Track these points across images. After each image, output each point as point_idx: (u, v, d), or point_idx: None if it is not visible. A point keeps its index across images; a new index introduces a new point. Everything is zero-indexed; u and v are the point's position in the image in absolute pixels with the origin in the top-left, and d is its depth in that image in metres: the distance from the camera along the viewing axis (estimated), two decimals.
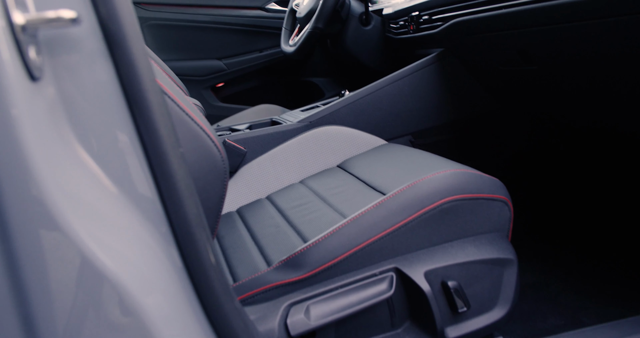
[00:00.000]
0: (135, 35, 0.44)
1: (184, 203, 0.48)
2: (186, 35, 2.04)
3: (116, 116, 0.45)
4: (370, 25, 1.67)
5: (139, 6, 1.97)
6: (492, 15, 1.12)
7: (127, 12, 0.44)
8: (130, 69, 0.44)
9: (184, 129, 0.63)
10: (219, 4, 2.07)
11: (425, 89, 1.32)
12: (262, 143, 1.26)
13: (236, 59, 2.10)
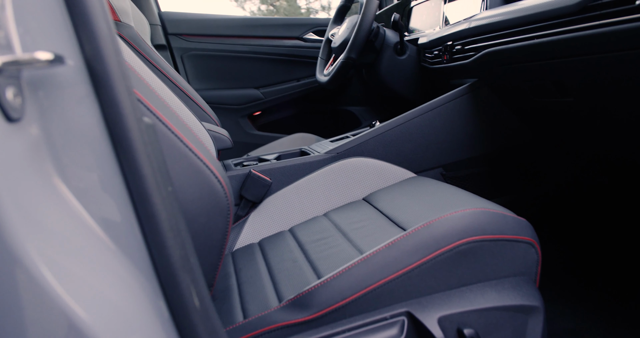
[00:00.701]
0: (120, 75, 0.44)
1: (167, 245, 0.47)
2: (225, 65, 2.09)
3: (101, 155, 0.45)
4: (405, 54, 1.65)
5: (181, 37, 2.03)
6: (524, 45, 1.07)
7: (111, 52, 0.44)
8: (113, 108, 0.44)
9: (185, 165, 0.63)
10: (257, 35, 2.11)
11: (457, 120, 1.28)
12: (288, 173, 1.25)
13: (273, 88, 2.13)
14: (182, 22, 2.04)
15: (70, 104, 0.44)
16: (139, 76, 0.67)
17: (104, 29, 0.43)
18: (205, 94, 2.04)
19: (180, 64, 2.04)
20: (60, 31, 0.43)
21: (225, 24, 2.09)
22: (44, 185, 0.42)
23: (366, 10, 1.51)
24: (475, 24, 1.23)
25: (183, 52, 2.04)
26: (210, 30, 2.07)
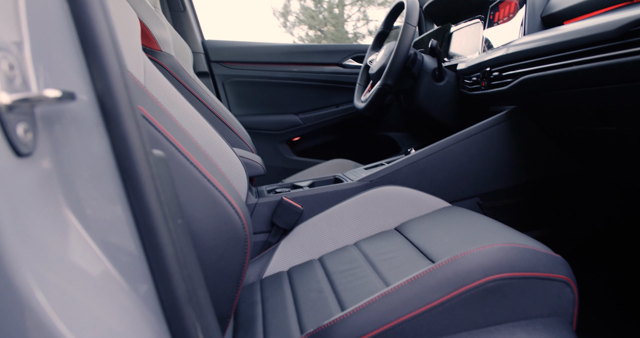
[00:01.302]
0: (129, 111, 0.45)
1: (173, 278, 0.47)
2: (265, 91, 2.13)
3: (110, 188, 0.46)
4: (443, 81, 1.63)
5: (222, 64, 2.09)
6: (563, 72, 1.04)
7: (121, 88, 0.45)
8: (122, 142, 0.45)
9: (203, 196, 0.63)
10: (297, 61, 2.14)
11: (494, 149, 1.24)
12: (320, 201, 1.24)
13: (312, 113, 2.14)
14: (224, 50, 2.10)
15: (82, 138, 0.45)
16: (162, 108, 0.68)
17: (115, 66, 0.44)
18: (245, 120, 2.07)
19: (222, 91, 2.09)
20: (74, 68, 0.45)
21: (265, 51, 2.13)
22: (53, 215, 0.43)
23: (403, 37, 1.51)
24: (513, 50, 1.20)
25: (225, 79, 2.09)
26: (251, 58, 2.12)
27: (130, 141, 0.45)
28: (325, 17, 12.08)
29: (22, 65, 0.44)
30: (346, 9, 12.23)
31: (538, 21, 1.23)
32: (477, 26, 1.63)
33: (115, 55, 0.45)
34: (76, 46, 0.45)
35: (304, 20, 12.19)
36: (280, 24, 12.52)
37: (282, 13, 12.42)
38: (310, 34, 12.34)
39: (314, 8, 12.15)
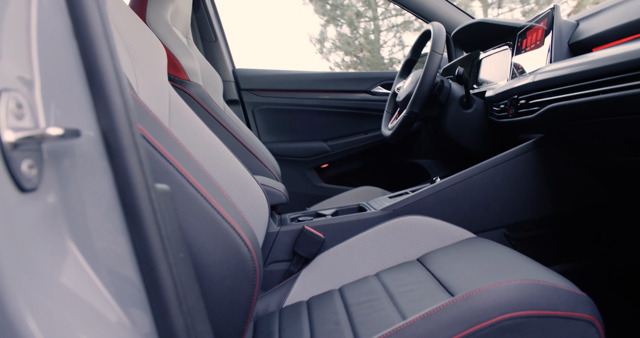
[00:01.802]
0: (131, 147, 0.46)
1: (170, 313, 0.47)
2: (293, 119, 2.15)
3: (112, 221, 0.47)
4: (471, 108, 1.61)
5: (252, 92, 2.13)
6: (591, 100, 1.01)
7: (125, 124, 0.46)
8: (124, 177, 0.46)
9: (212, 228, 0.64)
10: (326, 89, 2.16)
11: (522, 178, 1.21)
12: (342, 230, 1.23)
13: (341, 140, 2.14)
14: (254, 78, 2.14)
15: (88, 172, 0.47)
16: (176, 141, 0.69)
17: (119, 104, 0.46)
18: (273, 147, 2.09)
19: (252, 118, 2.12)
20: (82, 106, 0.46)
21: (295, 79, 2.16)
22: (56, 246, 0.45)
23: (429, 65, 1.50)
24: (539, 78, 1.17)
25: (254, 106, 2.13)
26: (280, 85, 2.15)
27: (131, 176, 0.46)
28: (361, 43, 12.21)
29: (31, 103, 0.45)
30: (382, 34, 12.33)
31: (565, 48, 1.21)
32: (506, 53, 1.61)
33: (120, 94, 0.46)
34: (84, 84, 0.46)
35: (340, 46, 12.34)
36: (317, 50, 12.70)
37: (318, 39, 12.61)
38: (346, 60, 12.47)
39: (350, 34, 12.30)
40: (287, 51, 19.69)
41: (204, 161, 1.07)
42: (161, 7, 1.42)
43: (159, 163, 0.63)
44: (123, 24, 1.04)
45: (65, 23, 0.46)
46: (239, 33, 18.84)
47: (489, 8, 12.54)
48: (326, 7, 12.35)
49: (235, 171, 1.10)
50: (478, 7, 12.70)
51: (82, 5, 0.45)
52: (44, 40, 0.46)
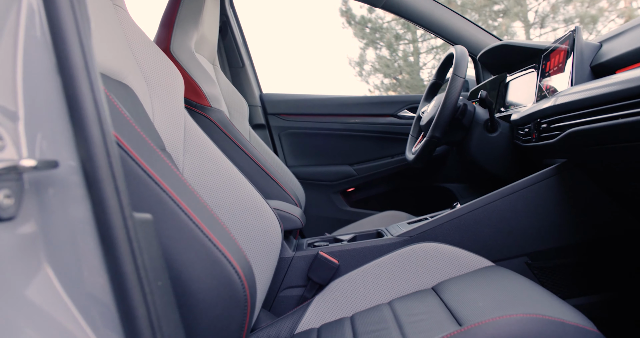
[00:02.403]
0: (108, 177, 0.47)
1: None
2: (319, 142, 2.16)
3: (88, 249, 0.48)
4: (496, 132, 1.57)
5: (279, 117, 2.15)
6: (614, 124, 0.97)
7: (102, 156, 0.47)
8: (100, 206, 0.47)
9: (203, 256, 0.64)
10: (352, 113, 2.16)
11: (544, 205, 1.17)
12: (358, 256, 1.22)
13: (367, 164, 2.13)
14: (280, 103, 2.17)
15: (68, 201, 0.48)
16: (172, 167, 0.71)
17: (97, 136, 0.47)
18: (299, 171, 2.10)
19: (278, 142, 2.14)
20: (63, 137, 0.48)
21: (321, 103, 2.18)
22: (34, 271, 0.46)
23: (450, 89, 1.48)
24: (560, 101, 1.14)
25: (281, 130, 2.15)
26: (306, 110, 2.17)
27: (107, 206, 0.47)
28: (400, 65, 12.23)
29: (14, 134, 0.47)
30: (421, 56, 12.32)
31: (587, 71, 1.17)
32: (532, 75, 1.58)
33: (99, 126, 0.47)
34: (66, 116, 0.48)
35: (379, 68, 12.40)
36: (356, 73, 12.80)
37: (357, 62, 12.71)
38: (386, 82, 12.50)
39: (389, 57, 12.34)
40: (327, 74, 19.91)
41: (216, 186, 1.08)
42: (185, 35, 1.47)
43: (151, 190, 0.64)
44: (142, 53, 1.08)
45: (50, 58, 0.48)
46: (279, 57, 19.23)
47: (530, 28, 12.36)
48: (365, 31, 12.47)
49: (247, 196, 1.10)
50: (519, 27, 12.54)
51: (66, 41, 0.47)
52: (29, 74, 0.48)
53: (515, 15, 12.53)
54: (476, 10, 12.84)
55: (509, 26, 12.54)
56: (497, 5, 12.78)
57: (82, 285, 0.48)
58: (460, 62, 1.51)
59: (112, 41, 0.98)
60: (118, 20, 1.05)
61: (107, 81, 0.90)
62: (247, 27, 2.12)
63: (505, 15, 12.65)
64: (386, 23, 12.30)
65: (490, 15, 12.88)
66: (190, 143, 1.10)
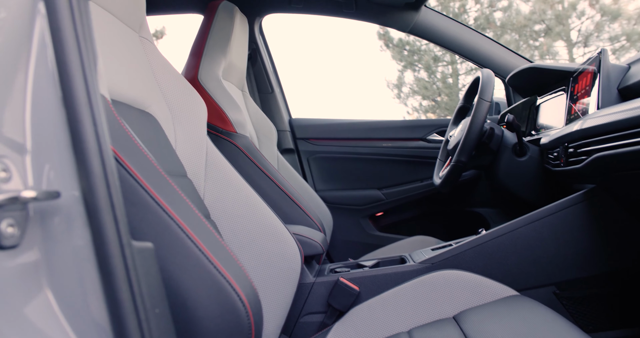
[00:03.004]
0: (107, 207, 0.49)
1: None
2: (348, 167, 2.16)
3: (88, 276, 0.49)
4: (525, 156, 1.54)
5: (308, 141, 2.17)
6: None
7: (101, 187, 0.49)
8: (99, 235, 0.49)
9: (207, 282, 0.65)
10: (381, 137, 2.16)
11: (572, 232, 1.13)
12: (379, 282, 1.20)
13: (396, 188, 2.12)
14: (309, 127, 2.19)
15: (69, 229, 0.50)
16: (182, 196, 0.73)
17: (97, 168, 0.49)
18: (327, 195, 2.10)
19: (307, 167, 2.16)
20: (67, 168, 0.50)
21: (349, 128, 2.18)
22: (35, 296, 0.48)
23: (476, 112, 1.47)
24: (586, 125, 1.11)
25: (309, 155, 2.16)
26: (335, 134, 2.18)
27: (105, 234, 0.49)
28: (439, 87, 12.16)
29: (20, 166, 0.50)
30: (460, 78, 12.22)
31: (614, 94, 1.14)
32: (562, 98, 1.54)
33: (100, 158, 0.49)
34: (69, 149, 0.50)
35: (418, 90, 12.37)
36: (395, 95, 12.80)
37: (396, 85, 12.73)
38: (424, 104, 12.44)
39: (428, 79, 12.31)
40: (365, 96, 19.98)
41: (236, 212, 1.10)
42: (213, 64, 1.52)
43: (158, 216, 0.66)
44: (166, 83, 1.12)
45: (56, 92, 0.51)
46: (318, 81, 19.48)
47: (574, 47, 12.10)
48: (403, 53, 12.50)
49: (266, 222, 1.11)
50: (562, 46, 12.30)
51: (71, 77, 0.50)
52: (37, 107, 0.51)
53: (557, 34, 12.32)
54: (516, 31, 12.69)
55: (551, 46, 12.32)
56: (538, 25, 12.60)
57: (81, 310, 0.50)
58: (486, 86, 1.50)
59: (137, 72, 1.02)
60: (144, 51, 1.09)
61: (128, 110, 0.94)
62: (284, 51, 2.17)
63: (547, 34, 12.45)
64: (424, 45, 12.30)
65: (531, 35, 12.71)
66: (212, 169, 1.13)
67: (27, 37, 0.51)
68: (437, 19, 1.95)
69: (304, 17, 2.02)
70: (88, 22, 0.54)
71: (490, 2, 12.86)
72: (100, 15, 0.94)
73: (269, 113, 2.10)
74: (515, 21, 12.56)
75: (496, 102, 2.21)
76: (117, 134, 0.70)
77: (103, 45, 0.92)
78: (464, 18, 12.76)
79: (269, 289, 1.08)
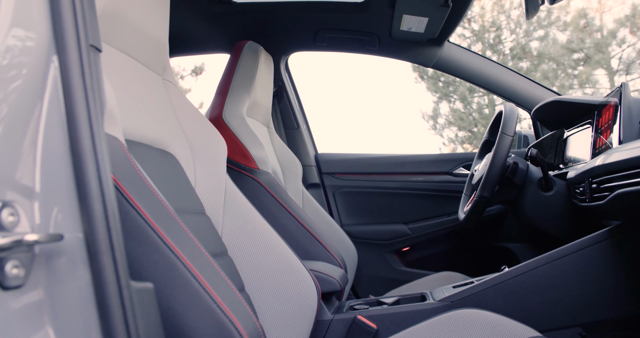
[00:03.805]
0: (107, 249, 0.51)
1: None
2: (373, 201, 2.15)
3: (89, 315, 0.51)
4: (551, 190, 1.50)
5: (333, 176, 2.18)
6: None
7: (101, 230, 0.52)
8: (98, 276, 0.51)
9: (210, 321, 0.66)
10: (406, 171, 2.15)
11: (596, 271, 1.09)
12: (397, 321, 1.18)
13: (422, 223, 2.09)
14: (335, 162, 2.20)
15: (72, 270, 0.52)
16: (189, 235, 0.75)
17: (99, 212, 0.52)
18: (353, 230, 2.10)
19: (332, 201, 2.16)
20: (71, 212, 0.53)
21: (375, 162, 2.19)
22: (37, 333, 0.50)
23: (498, 147, 1.46)
24: (608, 160, 1.08)
25: (335, 189, 2.17)
26: (361, 169, 2.19)
27: (104, 276, 0.51)
28: (475, 118, 12.05)
29: (28, 210, 0.53)
30: (496, 108, 12.09)
31: (636, 128, 1.11)
32: (589, 131, 1.52)
33: (101, 203, 0.52)
34: (74, 193, 0.53)
35: (454, 121, 12.28)
36: (430, 126, 12.75)
37: (431, 116, 12.69)
38: (460, 135, 12.33)
39: (464, 109, 12.23)
40: (400, 128, 19.99)
41: (253, 248, 1.11)
42: (238, 101, 1.56)
43: (165, 255, 0.68)
44: (188, 123, 1.16)
45: (65, 140, 0.54)
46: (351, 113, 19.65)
47: (615, 75, 11.84)
48: (438, 84, 12.50)
49: (283, 258, 1.12)
50: (602, 74, 12.06)
51: (78, 126, 0.53)
52: (46, 154, 0.54)
53: (597, 63, 12.10)
54: (554, 60, 12.54)
55: (590, 74, 12.09)
56: (577, 54, 12.42)
57: None
58: (508, 121, 1.49)
59: (159, 113, 1.07)
60: (167, 93, 1.14)
61: (147, 150, 0.97)
62: (319, 84, 2.21)
63: (586, 63, 12.24)
64: None
65: (570, 64, 12.52)
66: (230, 206, 1.15)
67: (41, 89, 0.55)
68: (461, 53, 1.96)
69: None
70: (97, 74, 0.58)
71: (526, 32, 12.80)
72: (124, 60, 0.99)
73: (295, 148, 2.13)
74: (553, 50, 12.43)
75: (524, 135, 2.18)
76: (129, 174, 0.73)
77: (126, 88, 0.97)
78: (500, 48, 12.73)
79: (285, 325, 1.08)
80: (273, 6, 1.85)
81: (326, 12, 1.86)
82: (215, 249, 1.06)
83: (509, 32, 12.72)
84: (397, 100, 20.88)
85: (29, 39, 0.55)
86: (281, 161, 1.87)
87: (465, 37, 12.88)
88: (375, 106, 19.75)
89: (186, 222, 0.99)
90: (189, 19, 1.87)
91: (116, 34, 0.95)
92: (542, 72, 12.42)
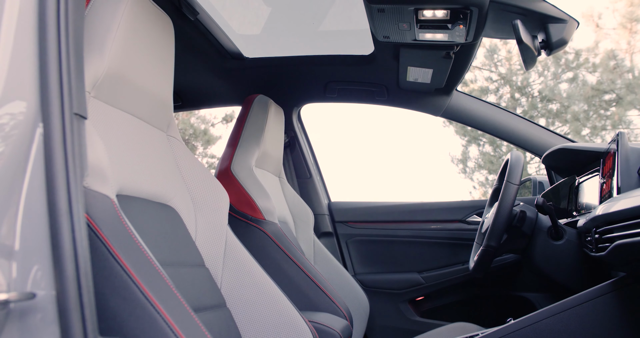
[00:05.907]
0: (76, 307, 0.54)
1: None
2: (387, 249, 2.14)
3: None
4: (562, 239, 1.47)
5: (346, 224, 2.19)
6: None
7: (72, 287, 0.54)
8: (66, 333, 0.53)
9: None
10: (419, 219, 2.14)
11: (601, 324, 1.06)
12: None
13: (436, 272, 2.06)
14: (348, 211, 2.21)
15: (45, 327, 0.55)
16: (173, 291, 0.77)
17: (70, 271, 0.55)
18: (366, 279, 2.08)
19: (345, 250, 2.16)
20: (46, 271, 0.56)
21: (388, 210, 2.19)
22: None
23: (503, 196, 1.45)
24: (606, 211, 1.07)
25: (348, 238, 2.17)
26: (374, 217, 2.19)
27: (72, 333, 0.53)
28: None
29: (7, 270, 0.56)
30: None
31: (635, 178, 1.10)
32: (597, 178, 1.50)
33: (74, 263, 0.56)
34: (49, 253, 0.57)
35: (483, 165, 12.16)
36: (460, 170, 12.64)
37: (460, 160, 12.60)
38: (490, 178, 12.16)
39: (493, 152, 12.11)
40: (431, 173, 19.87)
41: (251, 299, 1.13)
42: (247, 153, 1.61)
43: (147, 312, 0.70)
44: (191, 177, 1.20)
45: (44, 203, 0.58)
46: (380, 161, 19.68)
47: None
48: (467, 128, 12.47)
49: (281, 310, 1.13)
50: (636, 115, 11.83)
51: (56, 190, 0.57)
52: (27, 216, 0.58)
53: (630, 103, 11.90)
54: (584, 101, 12.40)
55: (623, 115, 11.88)
56: (608, 95, 12.27)
57: None
58: (514, 169, 1.48)
59: (161, 168, 1.11)
60: (170, 149, 1.19)
61: (146, 204, 1.01)
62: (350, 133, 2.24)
63: (618, 104, 12.06)
64: None
65: (601, 105, 12.34)
66: (230, 257, 1.17)
67: (26, 155, 0.60)
68: (469, 102, 1.99)
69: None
70: (80, 140, 0.62)
71: (554, 74, 12.76)
72: (127, 120, 1.05)
73: (308, 197, 2.15)
74: (583, 92, 12.31)
75: (539, 181, 2.16)
76: (117, 230, 0.76)
77: (129, 146, 1.02)
78: (528, 91, 12.69)
79: None
80: (283, 61, 1.93)
81: (334, 65, 1.93)
82: (212, 301, 1.07)
83: (537, 75, 12.70)
84: (426, 145, 20.86)
85: (20, 113, 0.59)
86: (292, 210, 1.89)
87: (492, 80, 12.92)
88: (405, 151, 19.78)
89: (183, 275, 1.02)
90: (203, 74, 1.96)
91: (120, 96, 1.01)
92: (572, 114, 12.26)
